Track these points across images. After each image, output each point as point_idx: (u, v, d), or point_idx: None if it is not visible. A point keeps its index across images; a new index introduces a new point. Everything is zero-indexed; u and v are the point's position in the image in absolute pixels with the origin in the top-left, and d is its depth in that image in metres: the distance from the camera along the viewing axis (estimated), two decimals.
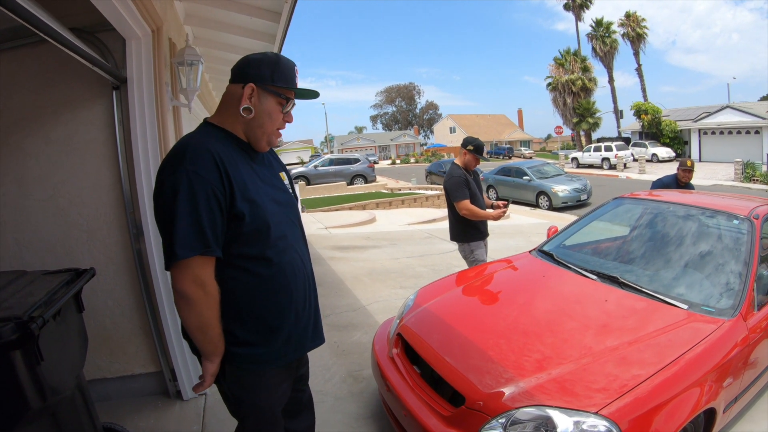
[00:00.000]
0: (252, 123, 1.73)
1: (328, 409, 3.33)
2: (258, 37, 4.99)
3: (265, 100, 1.72)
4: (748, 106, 30.12)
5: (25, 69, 3.05)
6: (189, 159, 1.54)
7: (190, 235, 1.51)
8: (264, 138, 1.76)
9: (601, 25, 43.60)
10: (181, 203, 1.51)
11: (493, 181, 19.64)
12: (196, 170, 1.53)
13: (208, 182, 1.53)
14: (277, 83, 1.71)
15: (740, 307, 2.70)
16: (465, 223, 4.52)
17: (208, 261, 1.57)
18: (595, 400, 2.09)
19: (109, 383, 3.32)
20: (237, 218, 1.60)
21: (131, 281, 3.25)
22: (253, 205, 1.63)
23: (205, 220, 1.53)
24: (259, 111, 1.71)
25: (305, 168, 25.06)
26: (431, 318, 3.09)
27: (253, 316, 1.71)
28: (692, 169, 5.85)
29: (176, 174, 1.53)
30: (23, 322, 1.77)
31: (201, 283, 1.55)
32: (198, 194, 1.52)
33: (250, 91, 1.69)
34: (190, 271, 1.53)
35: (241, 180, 1.62)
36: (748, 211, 3.34)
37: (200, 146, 1.59)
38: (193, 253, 1.51)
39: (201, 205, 1.52)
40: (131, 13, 2.77)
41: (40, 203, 3.10)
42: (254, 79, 1.70)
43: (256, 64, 1.72)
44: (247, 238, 1.64)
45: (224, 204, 1.57)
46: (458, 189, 4.50)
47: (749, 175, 22.26)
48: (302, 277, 1.82)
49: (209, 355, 1.66)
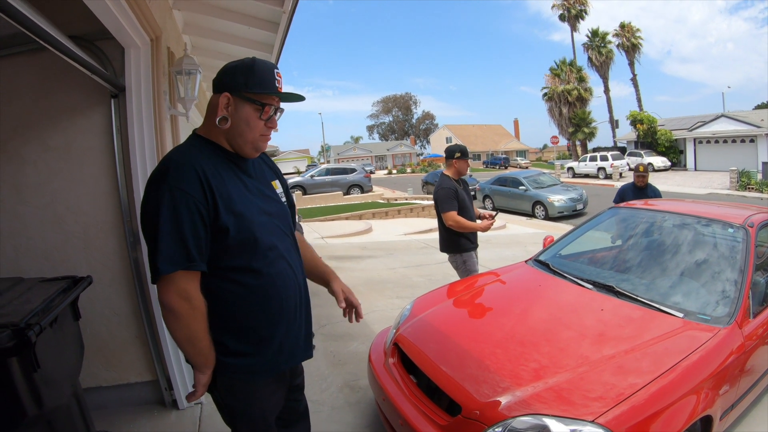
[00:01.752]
0: (231, 132, 1.70)
1: (324, 419, 3.31)
2: (256, 47, 5.02)
3: (241, 108, 1.68)
4: (743, 115, 30.32)
5: (23, 76, 3.06)
6: (172, 174, 1.55)
7: (173, 250, 1.52)
8: (247, 146, 1.73)
9: (596, 36, 43.90)
10: (163, 218, 1.51)
11: (489, 191, 19.70)
12: (179, 186, 1.53)
13: (191, 197, 1.53)
14: (251, 90, 1.67)
15: (736, 314, 2.71)
16: (455, 233, 4.51)
17: (192, 275, 1.57)
18: (591, 409, 2.09)
19: (104, 392, 3.30)
20: (222, 231, 1.60)
21: (128, 289, 3.24)
22: (239, 218, 1.63)
23: (188, 235, 1.53)
24: (235, 120, 1.69)
25: (302, 178, 25.10)
26: (428, 327, 3.09)
27: (244, 326, 1.70)
28: (645, 173, 6.41)
29: (159, 190, 1.54)
30: (20, 329, 1.78)
31: (186, 296, 1.55)
32: (180, 210, 1.52)
33: (226, 101, 1.67)
34: (174, 286, 1.54)
35: (226, 193, 1.62)
36: (743, 219, 3.36)
37: (183, 161, 1.59)
38: (175, 267, 1.52)
39: (183, 221, 1.52)
40: (130, 22, 2.79)
41: (38, 210, 3.10)
42: (228, 88, 1.68)
43: (231, 72, 1.70)
44: (234, 251, 1.64)
45: (207, 218, 1.57)
46: (446, 200, 4.48)
47: (744, 184, 22.36)
48: (293, 287, 1.81)
49: (200, 366, 1.66)
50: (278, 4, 3.90)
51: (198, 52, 5.14)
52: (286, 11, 3.96)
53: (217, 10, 4.20)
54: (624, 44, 43.41)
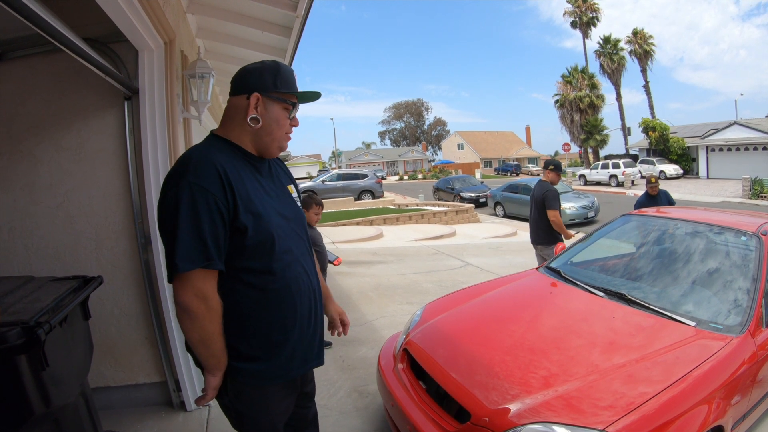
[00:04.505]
0: (260, 132, 1.72)
1: (332, 424, 3.30)
2: (269, 51, 5.05)
3: (271, 107, 1.72)
4: (756, 123, 30.03)
5: (38, 77, 3.10)
6: (192, 171, 1.54)
7: (192, 248, 1.50)
8: (274, 144, 1.76)
9: (608, 43, 43.73)
10: (183, 215, 1.50)
11: (501, 198, 19.64)
12: (199, 182, 1.52)
13: (211, 194, 1.52)
14: (280, 89, 1.72)
15: (748, 324, 2.67)
16: (552, 228, 5.59)
17: (210, 274, 1.56)
18: (602, 418, 2.06)
19: (113, 392, 3.32)
20: (240, 231, 1.59)
21: (138, 290, 3.25)
22: (257, 218, 1.62)
23: (207, 233, 1.52)
24: (266, 119, 1.71)
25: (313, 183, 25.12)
26: (437, 334, 3.07)
27: (257, 330, 1.68)
28: (656, 183, 7.17)
29: (179, 186, 1.53)
30: (30, 327, 1.78)
31: (203, 296, 1.53)
32: (200, 207, 1.51)
33: (256, 101, 1.69)
34: (191, 284, 1.52)
35: (245, 193, 1.61)
36: (756, 227, 3.32)
37: (204, 158, 1.59)
38: (194, 266, 1.50)
39: (203, 218, 1.51)
40: (144, 25, 2.81)
41: (50, 210, 3.13)
42: (258, 88, 1.70)
43: (258, 74, 1.72)
44: (250, 252, 1.62)
45: (227, 217, 1.56)
46: (555, 200, 5.63)
47: (757, 192, 22.14)
48: (308, 292, 1.79)
49: (212, 369, 1.64)
50: (291, 8, 3.92)
51: (211, 55, 5.18)
52: (299, 16, 3.98)
53: (230, 14, 4.23)
54: (636, 51, 43.23)
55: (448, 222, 16.37)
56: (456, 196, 23.87)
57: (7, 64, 3.06)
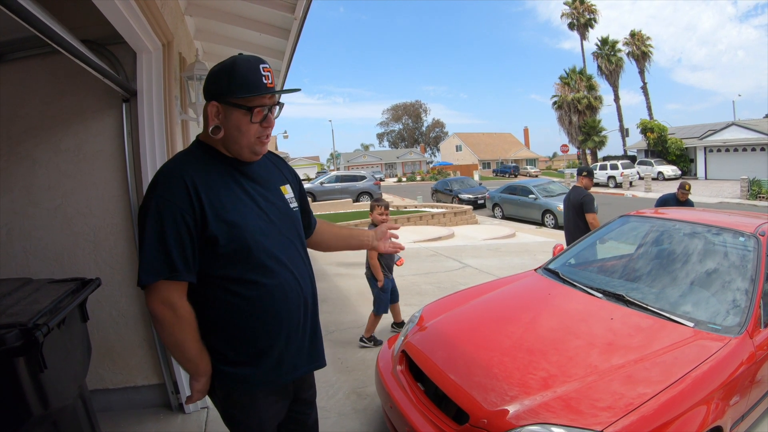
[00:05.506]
0: (225, 140, 1.66)
1: (331, 426, 3.30)
2: (267, 53, 5.05)
3: (230, 114, 1.61)
4: (754, 123, 30.14)
5: (36, 79, 3.10)
6: (160, 185, 1.56)
7: (156, 260, 1.52)
8: (244, 150, 1.67)
9: (606, 44, 43.89)
10: (148, 228, 1.52)
11: (499, 200, 19.65)
12: (165, 196, 1.53)
13: (177, 207, 1.52)
14: (236, 95, 1.58)
15: (747, 324, 2.68)
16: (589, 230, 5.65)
17: (176, 284, 1.56)
18: (600, 419, 2.07)
19: (111, 394, 3.32)
20: (211, 241, 1.57)
21: (136, 293, 3.24)
22: (231, 227, 1.59)
23: (172, 246, 1.52)
24: (227, 127, 1.63)
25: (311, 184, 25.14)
26: (436, 335, 3.07)
27: (241, 337, 1.67)
28: (689, 191, 7.16)
29: (148, 199, 1.55)
30: (28, 329, 1.78)
31: (170, 305, 1.55)
32: (165, 219, 1.52)
33: (215, 110, 1.62)
34: (157, 294, 1.55)
35: (218, 202, 1.59)
36: (754, 228, 3.33)
37: (172, 172, 1.59)
38: (157, 278, 1.53)
39: (167, 231, 1.52)
40: (143, 27, 2.81)
41: (48, 212, 3.12)
42: (214, 96, 1.61)
43: (214, 79, 1.63)
44: (225, 260, 1.61)
45: (195, 228, 1.55)
46: (593, 203, 6.05)
47: (755, 193, 22.19)
48: (296, 298, 1.74)
49: (191, 373, 1.66)
50: (289, 10, 3.92)
51: (209, 57, 5.18)
52: (298, 18, 3.98)
53: (228, 16, 4.24)
54: (634, 52, 43.37)
55: (447, 224, 16.37)
56: (454, 198, 23.88)
57: (5, 66, 3.06)
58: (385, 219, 4.80)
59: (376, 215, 4.83)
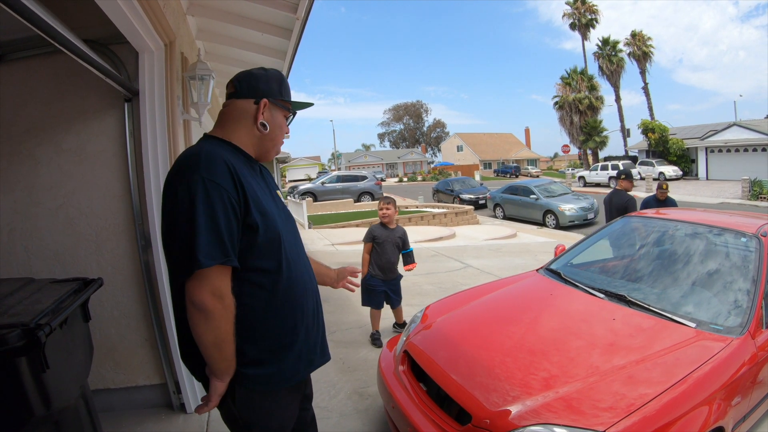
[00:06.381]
0: (265, 137, 1.75)
1: (332, 426, 3.30)
2: (269, 53, 5.05)
3: (276, 114, 1.77)
4: (755, 124, 30.06)
5: (38, 78, 3.10)
6: (204, 167, 1.51)
7: (211, 244, 1.46)
8: (274, 150, 1.81)
9: (607, 44, 43.84)
10: (199, 210, 1.46)
11: (500, 200, 19.65)
12: (212, 178, 1.49)
13: (224, 190, 1.50)
14: (285, 97, 1.79)
15: (748, 325, 2.67)
16: None
17: (226, 271, 1.52)
18: (602, 419, 2.06)
19: (113, 394, 3.31)
20: (251, 228, 1.56)
21: (138, 292, 3.25)
22: (265, 216, 1.61)
23: (223, 229, 1.48)
24: (272, 125, 1.76)
25: (312, 184, 25.15)
26: (438, 335, 3.07)
27: (266, 333, 1.65)
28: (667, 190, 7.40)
29: (192, 181, 1.48)
30: (30, 329, 1.78)
31: (219, 294, 1.49)
32: (215, 202, 1.48)
33: (264, 106, 1.73)
34: (209, 282, 1.47)
35: (252, 191, 1.60)
36: (756, 228, 3.32)
37: (214, 154, 1.56)
38: (214, 261, 1.46)
39: (218, 213, 1.48)
40: (145, 27, 2.82)
41: (50, 212, 3.12)
42: (266, 94, 1.74)
43: (265, 80, 1.76)
44: (260, 250, 1.60)
45: (239, 213, 1.54)
46: (635, 206, 6.34)
47: (756, 193, 22.16)
48: (311, 291, 1.80)
49: (221, 373, 1.58)
50: (291, 10, 3.92)
51: (211, 57, 5.18)
52: (300, 18, 3.98)
53: (230, 16, 4.24)
54: (635, 53, 43.32)
55: (448, 224, 16.38)
56: (455, 198, 23.89)
57: (7, 66, 3.06)
58: (385, 213, 4.79)
59: (378, 209, 4.90)
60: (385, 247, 4.74)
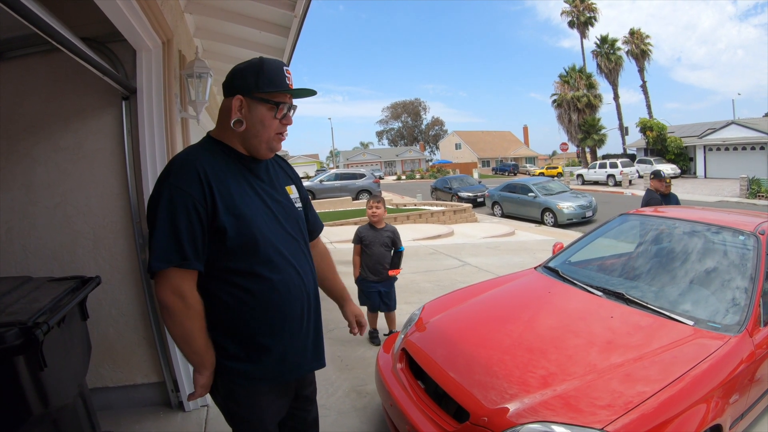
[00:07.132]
0: (246, 134, 1.72)
1: (331, 424, 3.30)
2: (267, 51, 5.04)
3: (255, 109, 1.70)
4: (754, 122, 30.11)
5: (35, 76, 3.09)
6: (173, 173, 1.59)
7: (168, 247, 1.54)
8: (262, 146, 1.75)
9: (605, 42, 43.78)
10: (160, 216, 1.55)
11: (499, 198, 19.64)
12: (178, 184, 1.56)
13: (189, 195, 1.55)
14: (263, 90, 1.68)
15: (746, 323, 2.68)
16: None
17: (186, 273, 1.58)
18: (600, 417, 2.07)
19: (111, 392, 3.31)
20: (219, 232, 1.60)
21: (136, 291, 3.25)
22: (239, 220, 1.63)
23: (183, 233, 1.55)
24: (250, 121, 1.70)
25: (311, 182, 25.09)
26: (436, 333, 3.07)
27: (243, 332, 1.69)
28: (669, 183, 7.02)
29: (161, 188, 1.58)
30: (28, 328, 1.78)
31: (180, 294, 1.57)
32: (177, 207, 1.54)
33: (239, 103, 1.69)
34: (168, 283, 1.56)
35: (227, 194, 1.63)
36: (754, 226, 3.33)
37: (185, 161, 1.62)
38: (168, 265, 1.54)
39: (179, 218, 1.54)
40: (142, 25, 2.81)
41: (48, 210, 3.12)
42: (240, 90, 1.69)
43: (240, 75, 1.72)
44: (232, 253, 1.63)
45: (205, 218, 1.58)
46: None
47: (755, 191, 22.18)
48: (299, 294, 1.77)
49: (196, 366, 1.66)
50: (290, 8, 3.91)
51: (209, 55, 5.17)
52: (298, 15, 3.97)
53: (228, 14, 4.22)
54: (633, 51, 43.27)
55: (446, 222, 16.36)
56: (454, 196, 23.85)
57: (5, 64, 3.05)
58: (375, 213, 4.68)
59: (367, 208, 4.77)
60: (373, 249, 4.68)
